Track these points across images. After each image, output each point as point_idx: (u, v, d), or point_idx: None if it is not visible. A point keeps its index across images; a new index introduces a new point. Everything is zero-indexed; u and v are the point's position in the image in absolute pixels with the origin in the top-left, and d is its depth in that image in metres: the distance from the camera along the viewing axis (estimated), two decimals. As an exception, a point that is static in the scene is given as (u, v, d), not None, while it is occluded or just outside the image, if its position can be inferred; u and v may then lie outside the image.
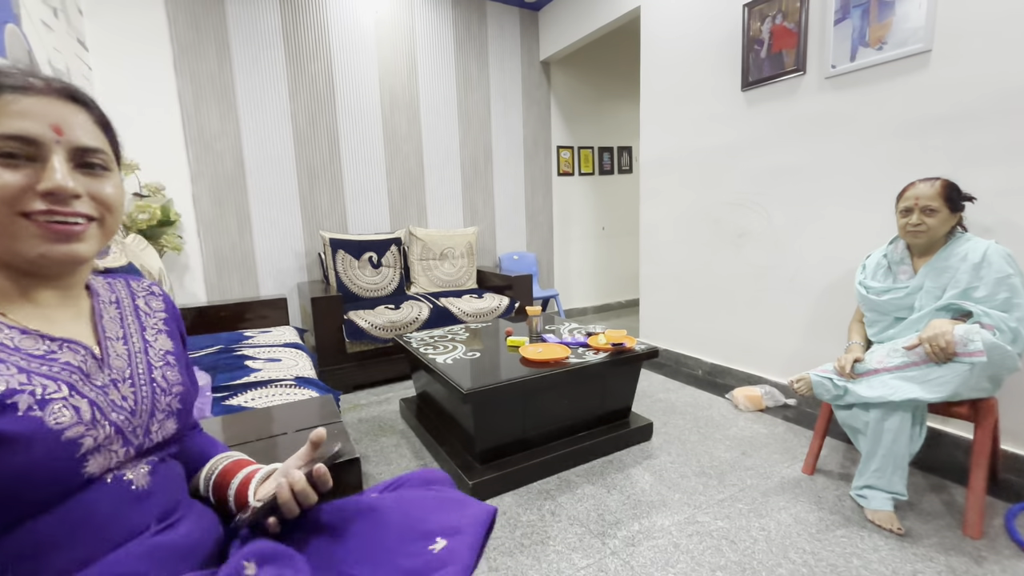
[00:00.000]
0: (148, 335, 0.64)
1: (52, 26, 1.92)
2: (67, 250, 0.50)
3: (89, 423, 0.49)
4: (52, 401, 0.47)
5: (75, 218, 0.50)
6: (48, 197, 0.47)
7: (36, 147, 0.47)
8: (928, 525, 1.36)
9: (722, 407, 2.25)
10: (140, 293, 0.68)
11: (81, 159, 0.51)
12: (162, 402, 0.60)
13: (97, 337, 0.58)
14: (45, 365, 0.49)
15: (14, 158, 0.46)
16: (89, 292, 0.61)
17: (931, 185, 1.42)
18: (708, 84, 2.50)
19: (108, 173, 0.54)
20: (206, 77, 2.74)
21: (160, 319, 0.68)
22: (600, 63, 4.19)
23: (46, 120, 0.48)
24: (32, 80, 0.49)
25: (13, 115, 0.47)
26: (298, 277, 3.15)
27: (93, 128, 0.53)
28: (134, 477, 0.53)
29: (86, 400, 0.50)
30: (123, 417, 0.53)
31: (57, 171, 0.48)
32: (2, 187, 0.45)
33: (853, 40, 1.87)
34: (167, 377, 0.62)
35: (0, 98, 0.47)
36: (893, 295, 1.51)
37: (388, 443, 2.00)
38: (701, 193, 2.61)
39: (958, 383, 1.27)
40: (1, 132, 0.46)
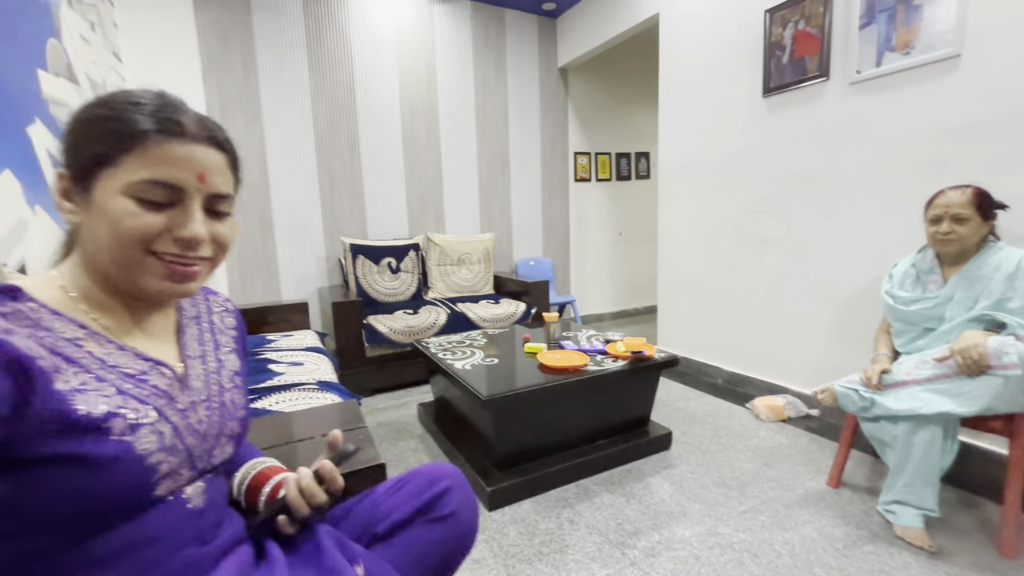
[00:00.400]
0: (222, 354, 0.65)
1: (90, 40, 2.00)
2: (182, 289, 0.52)
3: (169, 449, 0.50)
4: (142, 426, 0.48)
5: (196, 261, 0.52)
6: (179, 242, 0.50)
7: (178, 192, 0.49)
8: (961, 543, 1.32)
9: (742, 417, 2.22)
10: (216, 308, 0.69)
11: (213, 205, 0.53)
12: (227, 427, 0.60)
13: (180, 355, 0.59)
14: (138, 387, 0.50)
15: (155, 202, 0.48)
16: (174, 307, 0.63)
17: (962, 193, 1.38)
18: (728, 90, 2.48)
19: (229, 216, 0.56)
20: (232, 87, 2.81)
21: (231, 337, 0.68)
22: (618, 69, 4.19)
23: (192, 169, 0.50)
24: (183, 124, 0.50)
25: (166, 162, 0.48)
26: (319, 282, 3.20)
27: (227, 172, 0.55)
28: (191, 495, 0.54)
29: (170, 426, 0.51)
30: (195, 441, 0.55)
31: (196, 221, 0.50)
32: (144, 227, 0.47)
33: (879, 45, 1.84)
34: (235, 400, 0.63)
35: (154, 142, 0.48)
36: (922, 305, 1.48)
37: (406, 447, 2.02)
38: (721, 200, 2.59)
39: (992, 397, 1.23)
40: (153, 177, 0.48)
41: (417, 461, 1.89)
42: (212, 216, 0.53)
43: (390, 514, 0.67)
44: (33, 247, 1.28)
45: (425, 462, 1.88)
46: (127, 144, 0.47)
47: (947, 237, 1.39)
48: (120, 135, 0.47)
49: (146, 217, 0.47)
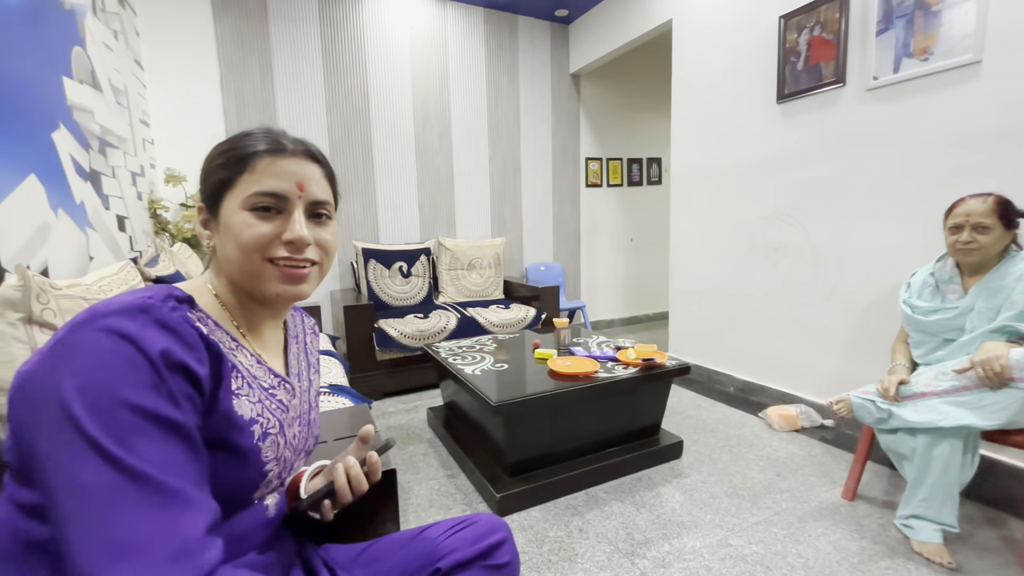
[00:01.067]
0: (311, 374, 0.71)
1: (113, 48, 2.05)
2: (296, 290, 0.58)
3: (278, 459, 0.57)
4: (269, 435, 0.55)
5: (304, 263, 0.58)
6: (288, 245, 0.56)
7: (283, 202, 0.56)
8: (983, 560, 1.29)
9: (755, 426, 2.19)
10: (308, 330, 0.76)
11: (313, 210, 0.59)
12: (308, 443, 0.66)
13: (286, 371, 0.66)
14: (270, 399, 0.58)
15: (267, 211, 0.55)
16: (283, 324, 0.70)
17: (983, 201, 1.36)
18: (742, 96, 2.46)
19: (330, 222, 0.62)
20: (249, 93, 2.86)
21: (316, 358, 0.75)
22: (630, 75, 4.19)
23: (293, 179, 0.57)
24: (283, 142, 0.58)
25: (271, 175, 0.56)
26: (331, 285, 3.23)
27: (324, 182, 0.61)
28: (269, 504, 0.60)
29: (284, 439, 0.58)
30: (290, 454, 0.60)
31: (298, 223, 0.56)
32: (259, 235, 0.55)
33: (896, 51, 1.82)
34: (315, 419, 0.69)
35: (261, 159, 0.56)
36: (941, 315, 1.45)
37: (416, 451, 2.02)
38: (735, 207, 2.57)
39: (1015, 410, 1.20)
40: (262, 189, 0.55)
41: (427, 466, 1.90)
42: (315, 222, 0.59)
43: (452, 552, 0.70)
44: (56, 250, 1.31)
45: (434, 467, 1.88)
46: (241, 167, 0.56)
47: (968, 247, 1.37)
48: (235, 160, 0.56)
49: (260, 226, 0.55)
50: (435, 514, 1.57)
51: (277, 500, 0.61)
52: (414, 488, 1.73)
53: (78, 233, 1.48)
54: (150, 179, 2.39)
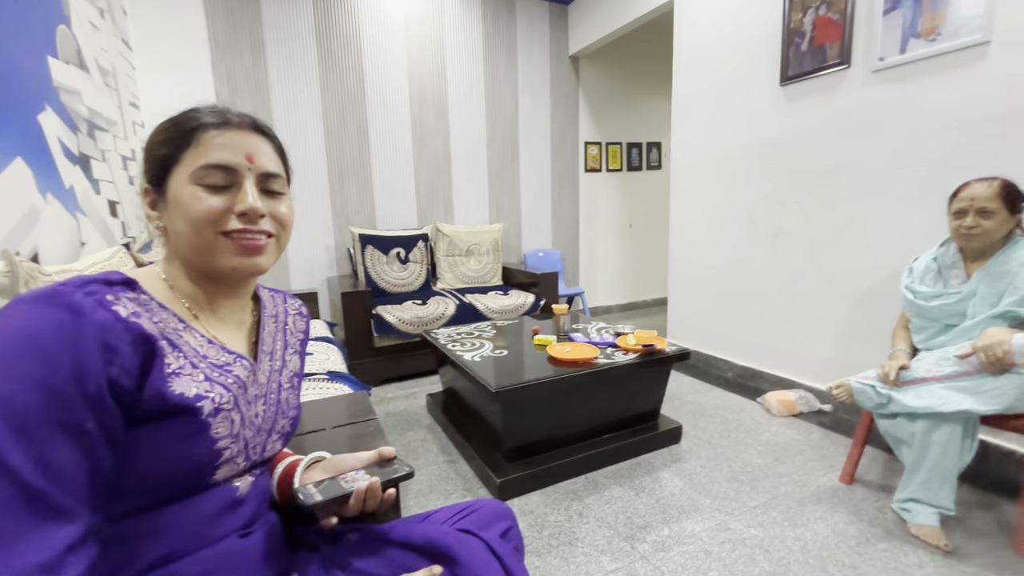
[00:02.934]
0: (287, 355, 0.70)
1: (99, 26, 1.99)
2: (252, 263, 0.56)
3: (233, 437, 0.55)
4: (222, 411, 0.53)
5: (260, 235, 0.56)
6: (242, 217, 0.55)
7: (233, 175, 0.55)
8: (978, 543, 1.30)
9: (754, 411, 2.20)
10: (292, 311, 0.75)
11: (265, 184, 0.58)
12: (279, 424, 0.64)
13: (255, 350, 0.64)
14: (224, 375, 0.56)
15: (216, 186, 0.54)
16: (257, 304, 0.69)
17: (988, 185, 1.34)
18: (744, 79, 2.42)
19: (283, 196, 0.61)
20: (242, 75, 2.80)
21: (298, 339, 0.73)
22: (630, 58, 4.12)
23: (241, 150, 0.56)
24: (228, 116, 0.57)
25: (217, 147, 0.55)
26: (328, 271, 3.20)
27: (274, 155, 0.60)
28: (240, 485, 0.58)
29: (239, 415, 0.56)
30: (251, 433, 0.58)
31: (249, 194, 0.55)
32: (209, 208, 0.53)
33: (904, 31, 1.78)
34: (289, 400, 0.67)
35: (206, 132, 0.55)
36: (943, 301, 1.44)
37: (415, 437, 2.02)
38: (736, 191, 2.54)
39: (1016, 395, 1.20)
40: (208, 162, 0.54)
41: (426, 451, 1.90)
42: (268, 196, 0.58)
43: None
44: (46, 236, 1.28)
45: (434, 452, 1.88)
46: (185, 141, 0.54)
47: (971, 231, 1.35)
48: (179, 135, 0.55)
49: (210, 199, 0.53)
50: (435, 500, 1.58)
51: (252, 482, 0.59)
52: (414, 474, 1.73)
53: (68, 218, 1.45)
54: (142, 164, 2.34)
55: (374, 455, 0.68)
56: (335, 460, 0.68)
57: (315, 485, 0.62)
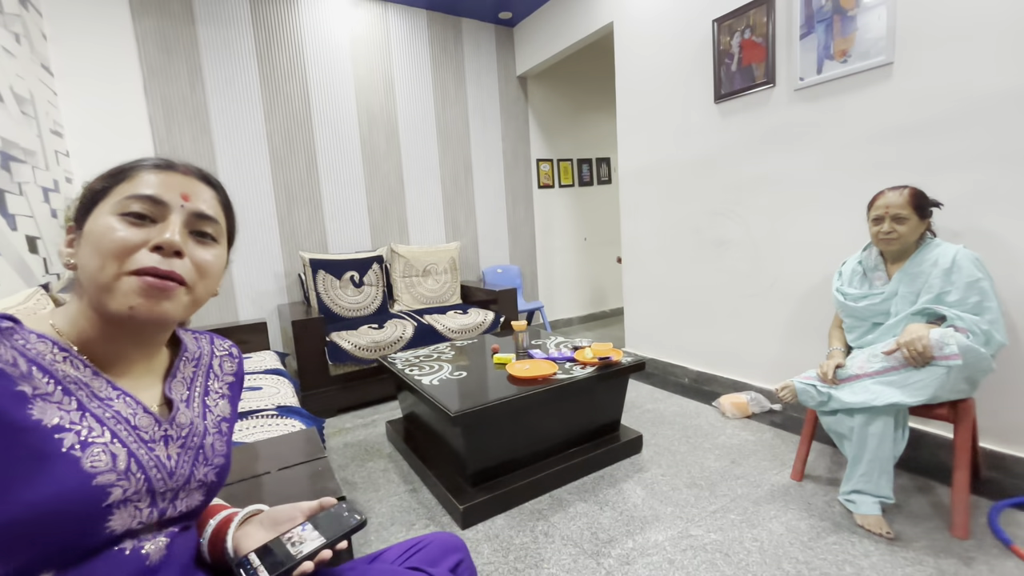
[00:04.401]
0: (209, 400, 0.64)
1: (15, 52, 1.87)
2: (155, 307, 0.51)
3: (122, 473, 0.48)
4: (93, 444, 0.47)
5: (171, 278, 0.51)
6: (156, 250, 0.50)
7: (161, 209, 0.51)
8: (917, 527, 1.38)
9: (710, 415, 2.26)
10: (219, 353, 0.69)
11: (196, 225, 0.54)
12: (199, 471, 0.58)
13: (163, 396, 0.59)
14: (101, 408, 0.50)
15: (140, 219, 0.50)
16: (177, 345, 0.64)
17: (900, 193, 1.46)
18: (682, 97, 2.55)
19: (216, 244, 0.57)
20: (178, 100, 2.69)
21: (227, 383, 0.68)
22: (576, 76, 4.25)
23: (178, 190, 0.53)
24: (173, 162, 0.55)
25: (150, 182, 0.52)
26: (278, 299, 3.08)
27: (216, 205, 0.57)
28: (151, 551, 0.51)
29: (125, 450, 0.50)
30: (159, 476, 0.53)
31: (171, 229, 0.51)
32: (122, 239, 0.49)
33: (819, 53, 1.93)
34: (214, 447, 0.61)
35: (145, 170, 0.52)
36: (870, 301, 1.55)
37: (375, 468, 1.96)
38: (680, 204, 2.65)
39: (936, 386, 1.29)
40: (136, 192, 0.50)
41: (387, 481, 1.84)
42: (197, 239, 0.55)
43: None
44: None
45: (395, 482, 1.82)
46: (121, 176, 0.52)
47: (889, 236, 1.47)
48: (116, 172, 0.52)
49: (126, 230, 0.49)
50: (397, 532, 1.53)
51: (166, 544, 0.53)
52: (375, 506, 1.67)
53: (-23, 259, 1.33)
54: (66, 194, 2.19)
55: (316, 506, 0.63)
56: (273, 513, 0.62)
57: (259, 556, 0.56)
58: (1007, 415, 1.58)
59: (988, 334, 1.29)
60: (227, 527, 0.61)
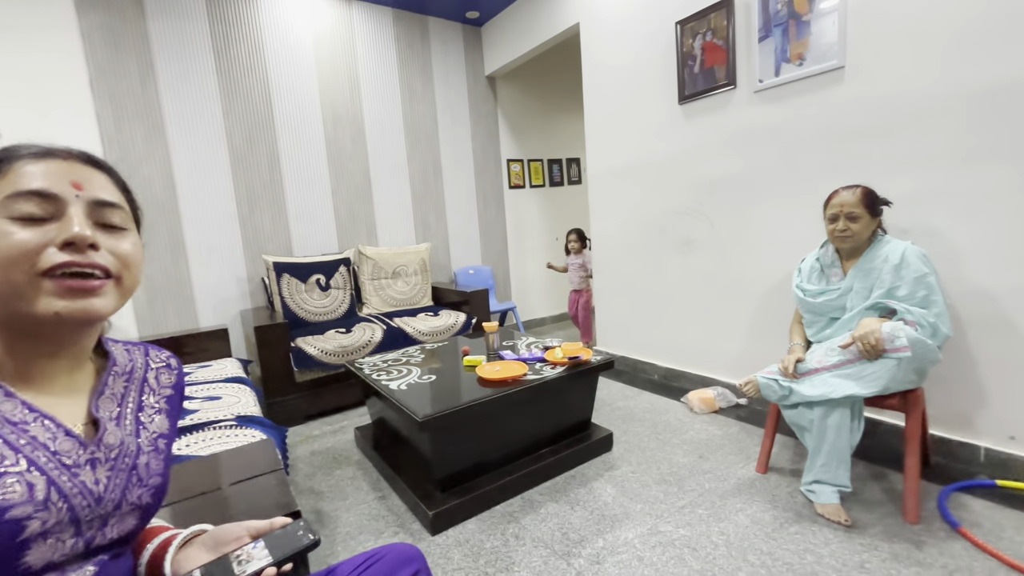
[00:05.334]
0: (144, 416, 0.60)
1: (-60, 45, 1.74)
2: (84, 305, 0.47)
3: (40, 504, 0.44)
4: (6, 475, 0.43)
5: (92, 270, 0.47)
6: (67, 247, 0.46)
7: (55, 204, 0.46)
8: (872, 514, 1.43)
9: (678, 411, 2.30)
10: (154, 365, 0.64)
11: (100, 216, 0.50)
12: (132, 494, 0.54)
13: (89, 414, 0.54)
14: (15, 434, 0.46)
15: (33, 219, 0.45)
16: (105, 358, 0.59)
17: (852, 192, 1.51)
18: (648, 98, 2.58)
19: (127, 231, 0.53)
20: (128, 97, 2.56)
21: (164, 396, 0.64)
22: (545, 77, 4.26)
23: (67, 178, 0.48)
24: (53, 149, 0.49)
25: (32, 175, 0.46)
26: (240, 304, 2.98)
27: (112, 188, 0.52)
28: None
29: (44, 478, 0.46)
30: (85, 503, 0.48)
31: (75, 222, 0.46)
32: (20, 243, 0.44)
33: (776, 56, 1.99)
34: (150, 466, 0.57)
35: (20, 161, 0.46)
36: (827, 297, 1.60)
37: (343, 476, 1.91)
38: (647, 204, 2.68)
39: (888, 377, 1.34)
40: (20, 189, 0.45)
41: (355, 489, 1.80)
42: (106, 231, 0.50)
43: None
44: None
45: (364, 490, 1.78)
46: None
47: (844, 234, 1.52)
48: None
49: (22, 233, 0.44)
50: (365, 540, 1.49)
51: (93, 573, 0.49)
52: (342, 515, 1.63)
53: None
54: (4, 197, 2.06)
55: (265, 525, 0.60)
56: (218, 532, 0.59)
57: (202, 571, 0.53)
58: (953, 403, 1.66)
59: (935, 326, 1.35)
60: (166, 551, 0.57)
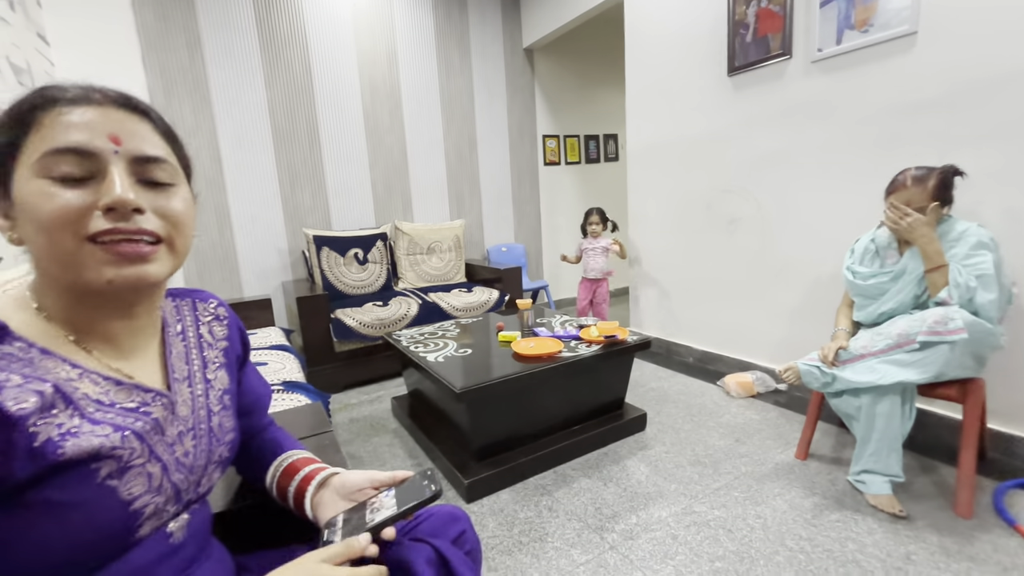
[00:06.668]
0: (209, 373, 0.60)
1: (9, 20, 1.82)
2: (137, 271, 0.44)
3: (155, 490, 0.47)
4: (132, 468, 0.45)
5: (141, 235, 0.44)
6: (109, 214, 0.42)
7: (94, 161, 0.43)
8: (920, 506, 1.38)
9: (714, 394, 2.26)
10: (205, 318, 0.63)
11: (144, 172, 0.46)
12: (215, 453, 0.57)
13: (167, 379, 0.54)
14: (139, 421, 0.47)
15: (72, 178, 0.42)
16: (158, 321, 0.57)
17: (923, 189, 1.38)
18: (694, 70, 2.47)
19: (175, 187, 0.48)
20: (177, 70, 2.63)
21: (221, 350, 0.63)
22: (584, 50, 4.14)
23: (103, 130, 0.43)
24: (88, 92, 0.45)
25: (67, 127, 0.42)
26: (282, 276, 3.08)
27: (155, 137, 0.48)
28: (174, 530, 0.52)
29: (160, 465, 0.48)
30: (182, 476, 0.51)
31: (116, 184, 0.42)
32: (63, 206, 0.41)
33: (839, 22, 1.85)
34: (223, 424, 0.59)
35: (51, 111, 0.42)
36: (878, 279, 1.51)
37: (381, 443, 1.98)
38: (690, 181, 2.60)
39: (942, 363, 1.27)
40: (55, 146, 0.41)
41: (392, 456, 1.86)
42: (150, 188, 0.46)
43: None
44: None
45: (401, 457, 1.84)
46: (26, 123, 0.42)
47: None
48: (16, 119, 0.43)
49: (62, 195, 0.41)
50: (403, 505, 1.54)
51: (187, 521, 0.53)
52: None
53: None
54: (67, 168, 2.17)
55: (387, 476, 0.63)
56: (347, 478, 0.63)
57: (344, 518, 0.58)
58: (1016, 396, 1.57)
59: (973, 291, 1.28)
60: (307, 486, 0.63)
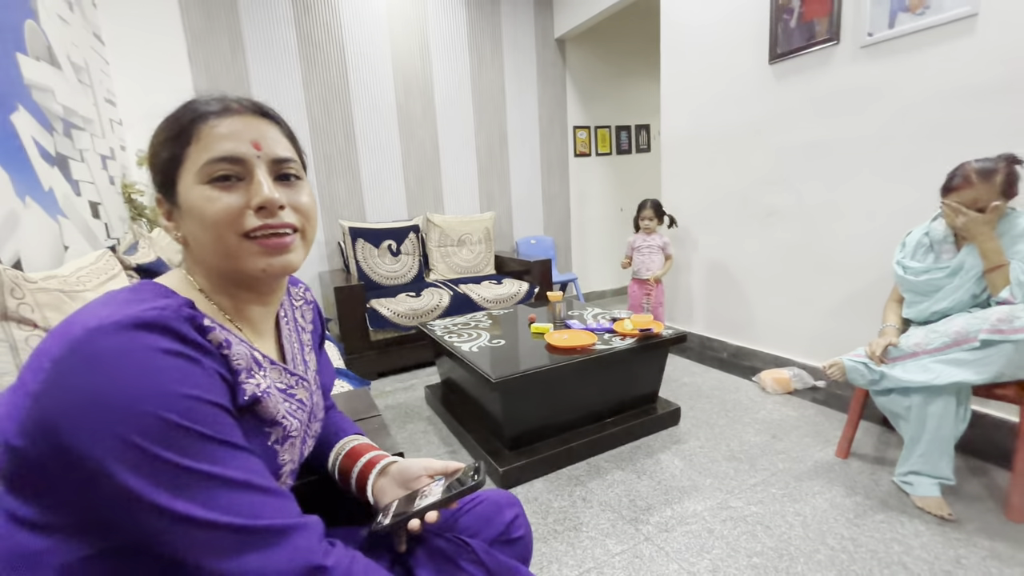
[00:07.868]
0: (307, 355, 0.66)
1: (68, 20, 1.91)
2: (284, 261, 0.53)
3: (293, 459, 0.56)
4: (290, 438, 0.54)
5: (284, 229, 0.52)
6: (260, 211, 0.51)
7: (242, 165, 0.51)
8: (971, 509, 1.34)
9: (749, 390, 2.22)
10: (296, 303, 0.69)
11: (278, 171, 0.54)
12: (312, 429, 0.63)
13: (285, 360, 0.61)
14: (289, 400, 0.56)
15: (227, 180, 0.50)
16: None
17: (990, 186, 1.30)
18: (733, 57, 2.40)
19: (300, 182, 0.56)
20: (220, 67, 2.72)
21: (310, 333, 0.70)
22: (616, 39, 4.07)
23: (247, 137, 0.51)
24: (228, 103, 0.53)
25: (220, 138, 0.50)
26: (319, 266, 3.17)
27: (283, 140, 0.56)
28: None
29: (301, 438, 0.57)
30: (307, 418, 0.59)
31: (264, 185, 0.51)
32: (227, 207, 0.49)
33: (892, 5, 1.77)
34: (319, 404, 0.65)
35: (205, 124, 0.50)
36: (931, 276, 1.45)
37: (416, 430, 2.03)
38: (727, 172, 2.54)
39: (1003, 363, 1.22)
40: (214, 156, 0.49)
41: (427, 443, 1.90)
42: (284, 184, 0.54)
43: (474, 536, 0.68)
44: (27, 241, 1.24)
45: (435, 444, 1.89)
46: (186, 138, 0.50)
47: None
48: (178, 132, 0.51)
49: (224, 197, 0.49)
50: (439, 490, 1.59)
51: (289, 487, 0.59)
52: (416, 466, 1.74)
53: (49, 222, 1.40)
54: (121, 162, 2.28)
55: (441, 466, 0.66)
56: (405, 466, 0.67)
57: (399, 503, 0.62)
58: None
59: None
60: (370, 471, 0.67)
